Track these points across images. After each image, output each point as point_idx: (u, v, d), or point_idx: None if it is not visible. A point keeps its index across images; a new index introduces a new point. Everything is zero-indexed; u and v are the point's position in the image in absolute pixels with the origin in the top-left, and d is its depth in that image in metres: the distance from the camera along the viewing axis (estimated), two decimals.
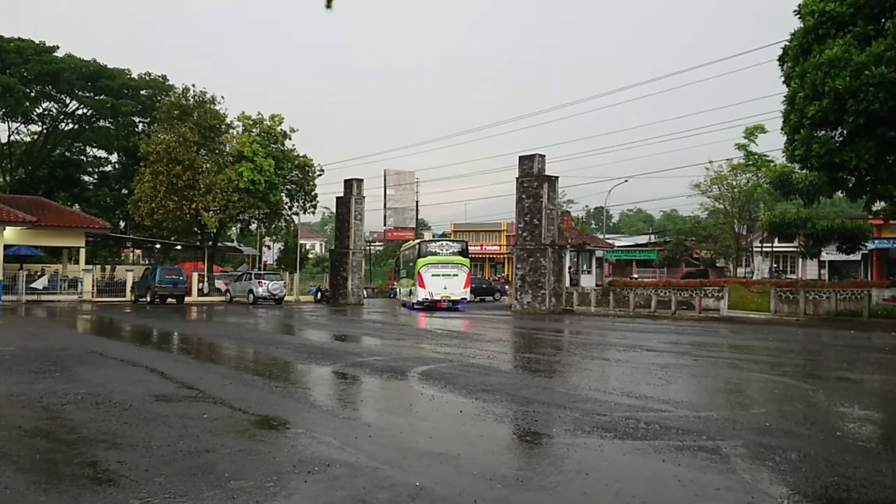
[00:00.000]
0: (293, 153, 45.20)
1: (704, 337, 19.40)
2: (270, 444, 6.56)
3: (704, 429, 7.12)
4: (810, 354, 15.46)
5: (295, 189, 46.10)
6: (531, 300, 34.02)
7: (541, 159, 34.70)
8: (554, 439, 6.90)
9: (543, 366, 12.98)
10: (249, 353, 15.28)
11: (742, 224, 47.49)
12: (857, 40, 20.40)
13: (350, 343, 18.01)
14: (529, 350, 16.37)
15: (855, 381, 11.23)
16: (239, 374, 11.26)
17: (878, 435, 7.53)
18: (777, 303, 28.26)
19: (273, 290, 39.19)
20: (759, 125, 41.15)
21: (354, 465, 5.76)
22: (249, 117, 43.52)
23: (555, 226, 35.12)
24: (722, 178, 45.19)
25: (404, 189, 64.24)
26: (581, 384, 10.22)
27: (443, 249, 35.76)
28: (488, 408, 8.31)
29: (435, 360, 13.11)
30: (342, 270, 44.25)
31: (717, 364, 13.37)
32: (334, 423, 7.62)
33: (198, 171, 41.74)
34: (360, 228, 45.57)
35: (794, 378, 11.14)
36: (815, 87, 20.67)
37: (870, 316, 24.69)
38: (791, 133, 22.82)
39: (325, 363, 12.66)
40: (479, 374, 11.12)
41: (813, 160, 22.48)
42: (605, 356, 14.49)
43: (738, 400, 9.50)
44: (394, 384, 10.44)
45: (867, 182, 24.72)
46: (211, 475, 5.44)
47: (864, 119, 20.02)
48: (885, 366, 13.53)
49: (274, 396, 9.13)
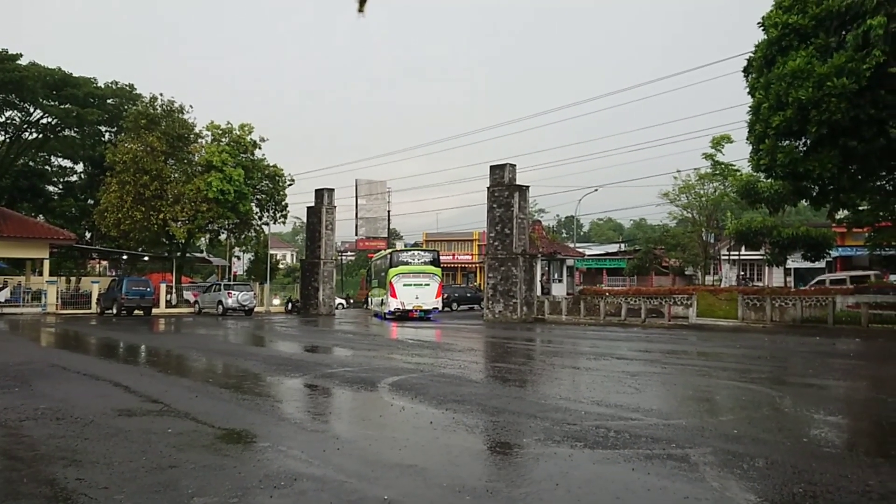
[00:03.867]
0: (263, 163, 44.90)
1: (674, 345, 19.56)
2: (236, 459, 6.43)
3: (674, 437, 7.14)
4: (777, 361, 15.64)
5: (265, 199, 45.78)
6: (503, 309, 34.08)
7: (512, 169, 34.87)
8: (524, 449, 6.87)
9: (514, 375, 12.96)
10: (218, 365, 15.05)
11: (710, 232, 48.20)
12: (819, 52, 20.86)
13: (320, 354, 17.83)
14: (501, 359, 16.35)
15: (820, 387, 11.38)
16: (206, 387, 11.06)
17: (843, 441, 7.62)
18: (744, 310, 28.65)
19: (243, 301, 38.81)
20: (726, 135, 41.87)
21: (322, 478, 5.67)
22: (219, 126, 43.15)
23: (526, 235, 35.26)
24: (690, 187, 45.86)
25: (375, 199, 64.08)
26: (552, 393, 10.21)
27: (414, 259, 35.69)
28: (458, 418, 8.26)
29: (406, 370, 13.03)
30: (313, 281, 43.95)
31: (686, 372, 13.47)
32: (303, 435, 7.51)
33: (166, 180, 41.24)
34: (332, 238, 45.33)
35: (762, 385, 11.25)
36: (779, 97, 21.07)
37: (834, 322, 25.13)
38: (756, 143, 23.25)
39: (295, 375, 12.50)
40: (450, 385, 11.06)
41: (778, 169, 22.93)
42: (575, 365, 14.52)
43: (707, 407, 9.56)
44: (364, 396, 10.33)
45: (830, 191, 25.27)
46: (174, 492, 5.31)
47: (827, 129, 20.46)
48: (849, 372, 13.74)
49: (241, 409, 8.98)
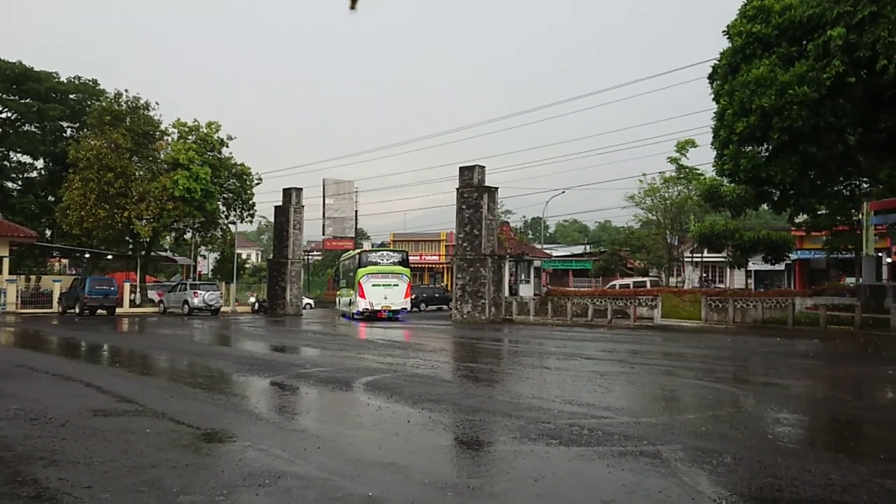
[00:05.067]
0: (230, 161, 44.47)
1: (640, 345, 19.94)
2: (218, 458, 6.48)
3: (645, 434, 7.37)
4: (740, 361, 16.09)
5: (232, 198, 45.34)
6: (471, 310, 34.29)
7: (481, 170, 35.10)
8: (501, 447, 7.03)
9: (487, 375, 13.14)
10: (189, 365, 14.95)
11: (673, 235, 49.03)
12: (781, 61, 21.48)
13: (292, 354, 17.81)
14: (472, 360, 16.52)
15: (782, 386, 11.77)
16: (179, 388, 11.04)
17: (805, 437, 7.95)
18: (707, 311, 29.28)
19: (209, 301, 38.41)
20: (691, 140, 42.67)
21: (305, 476, 5.76)
22: (185, 124, 42.62)
23: (494, 236, 35.52)
24: (655, 190, 46.62)
25: (343, 198, 63.86)
26: (524, 392, 10.40)
27: (383, 259, 35.69)
28: (435, 417, 8.40)
29: (379, 370, 13.12)
30: (280, 280, 43.68)
31: (653, 371, 13.79)
32: (281, 435, 7.57)
33: (130, 178, 40.62)
34: (299, 238, 45.09)
35: (726, 384, 11.61)
36: (742, 104, 21.64)
37: (794, 323, 25.82)
38: (720, 148, 23.85)
39: (268, 375, 12.51)
40: (424, 384, 11.20)
41: (740, 174, 23.56)
42: (545, 365, 14.75)
43: (675, 406, 9.85)
44: (339, 395, 10.41)
45: (791, 195, 26.04)
46: (158, 490, 5.35)
47: (788, 136, 21.08)
48: (808, 371, 14.20)
49: (217, 409, 9.00)
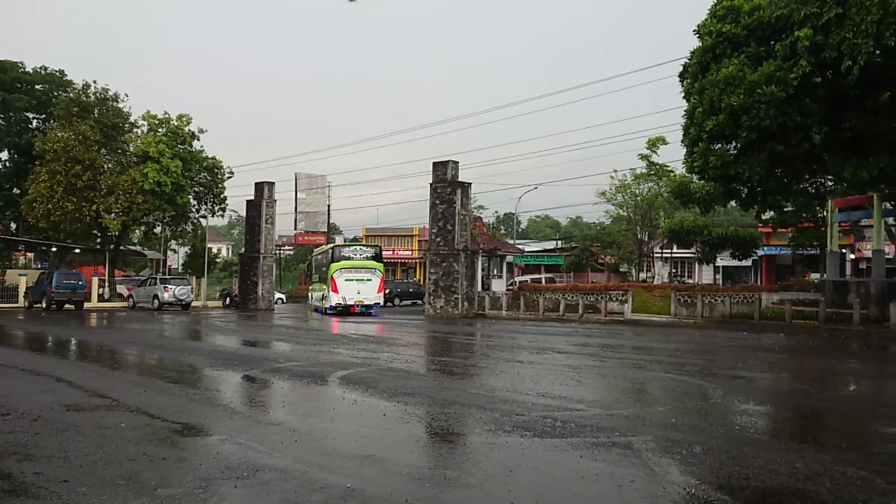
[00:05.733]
0: (201, 154, 44.01)
1: (611, 339, 20.22)
2: (195, 452, 6.50)
3: (616, 426, 7.54)
4: (708, 355, 16.41)
5: (203, 191, 44.89)
6: (444, 304, 34.41)
7: (454, 165, 35.19)
8: (477, 439, 7.14)
9: (460, 369, 13.26)
10: (162, 360, 14.85)
11: (644, 231, 49.62)
12: (750, 60, 21.88)
13: (265, 349, 17.76)
14: (446, 354, 16.64)
15: (748, 378, 12.06)
16: (153, 382, 10.98)
17: (770, 428, 8.18)
18: (677, 306, 29.73)
19: (180, 296, 38.06)
20: (661, 137, 43.24)
21: (284, 469, 5.81)
22: (155, 116, 42.08)
23: (468, 231, 35.66)
24: (626, 186, 47.11)
25: (316, 193, 63.56)
26: (498, 386, 10.53)
27: (356, 254, 35.60)
28: (411, 410, 8.49)
29: (354, 364, 13.17)
30: (252, 275, 43.37)
31: (623, 365, 14.03)
32: (258, 428, 7.60)
33: (99, 171, 40.01)
34: (272, 232, 44.80)
35: (695, 377, 11.85)
36: (712, 103, 22.00)
37: (760, 318, 26.33)
38: (690, 145, 24.23)
39: (242, 369, 12.49)
40: (399, 378, 11.28)
41: (710, 171, 23.97)
42: (518, 359, 14.90)
43: (646, 398, 10.06)
44: (315, 389, 10.45)
45: (758, 193, 26.56)
46: (136, 484, 5.37)
47: (756, 134, 21.49)
48: (774, 364, 14.56)
49: (193, 404, 8.99)
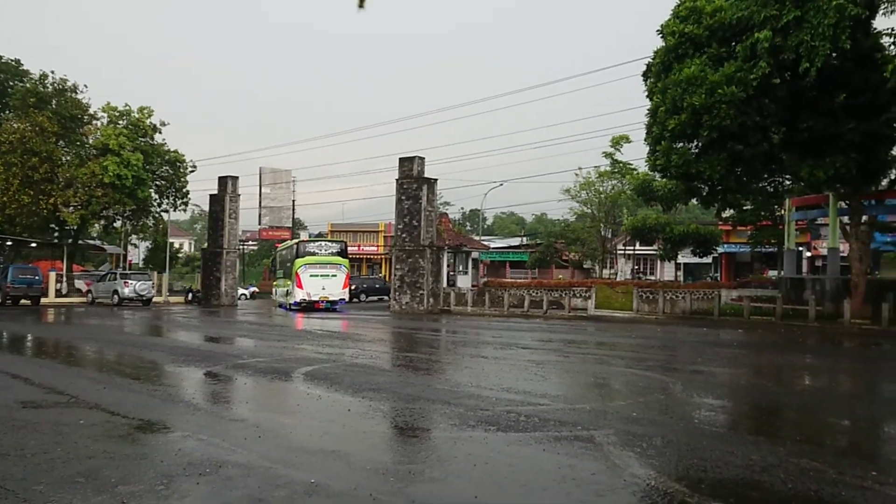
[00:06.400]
0: (163, 147, 43.34)
1: (574, 335, 20.44)
2: (156, 449, 6.43)
3: (579, 420, 7.66)
4: (669, 350, 16.70)
5: (165, 185, 44.21)
6: (409, 300, 34.41)
7: (421, 162, 35.18)
8: (441, 434, 7.19)
9: (425, 364, 13.30)
10: (122, 356, 14.60)
11: (607, 228, 50.25)
12: (711, 61, 22.27)
13: (228, 345, 17.59)
14: (411, 349, 16.67)
15: (708, 373, 12.31)
16: (113, 379, 10.82)
17: (728, 421, 8.38)
18: (639, 302, 30.16)
19: (140, 291, 37.44)
20: (625, 135, 43.80)
21: (247, 465, 5.78)
22: (115, 108, 41.31)
23: (433, 227, 35.69)
24: (590, 184, 47.65)
25: (280, 188, 63.02)
26: (463, 381, 10.59)
27: (321, 250, 35.42)
28: (375, 406, 8.50)
29: (318, 360, 13.12)
30: (215, 270, 42.85)
31: (586, 360, 14.22)
32: (221, 425, 7.54)
33: (57, 163, 39.15)
34: (235, 227, 44.29)
35: (656, 372, 12.05)
36: (674, 102, 22.34)
37: (720, 314, 26.84)
38: (653, 144, 24.58)
39: (205, 365, 12.35)
40: (364, 374, 11.28)
41: (672, 170, 24.35)
42: (483, 354, 15.00)
43: (608, 393, 10.22)
44: (279, 385, 10.40)
45: (719, 191, 27.05)
46: (96, 481, 5.30)
47: (717, 133, 21.88)
48: (732, 359, 14.87)
49: (153, 400, 8.88)
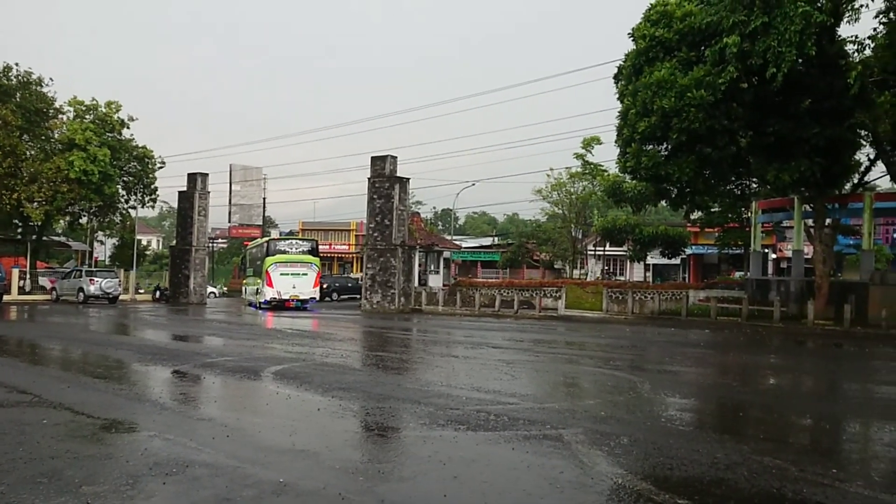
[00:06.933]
0: (131, 143, 42.68)
1: (544, 335, 20.57)
2: (121, 448, 6.35)
3: (548, 419, 7.72)
4: (637, 350, 16.89)
5: (133, 181, 43.53)
6: (381, 300, 34.33)
7: (393, 160, 35.11)
8: (411, 433, 7.20)
9: (396, 364, 13.29)
10: (87, 354, 14.37)
11: (578, 228, 50.57)
12: (681, 64, 22.57)
13: (197, 343, 17.39)
14: (382, 349, 16.64)
15: (675, 373, 12.48)
16: (77, 378, 10.64)
17: (694, 420, 8.51)
18: (608, 303, 30.43)
19: (106, 289, 36.81)
20: (596, 137, 44.12)
21: (214, 465, 5.73)
22: (82, 102, 40.57)
23: (405, 226, 35.64)
24: (561, 185, 47.94)
25: (251, 185, 62.33)
26: (433, 380, 10.61)
27: (292, 248, 35.21)
28: (345, 405, 8.48)
29: (288, 359, 13.04)
30: (184, 268, 42.35)
31: (556, 360, 14.33)
32: (188, 424, 7.47)
33: (21, 157, 38.23)
34: (204, 225, 43.79)
35: (624, 371, 12.19)
36: (644, 105, 22.60)
37: (687, 315, 27.19)
38: (623, 146, 24.83)
39: (172, 364, 12.21)
40: (334, 373, 11.24)
41: (641, 171, 24.63)
42: (454, 353, 15.04)
43: (577, 392, 10.32)
44: (248, 384, 10.32)
45: (687, 193, 27.43)
46: (59, 482, 5.22)
47: (686, 136, 22.19)
48: (699, 359, 15.10)
49: (119, 399, 8.76)
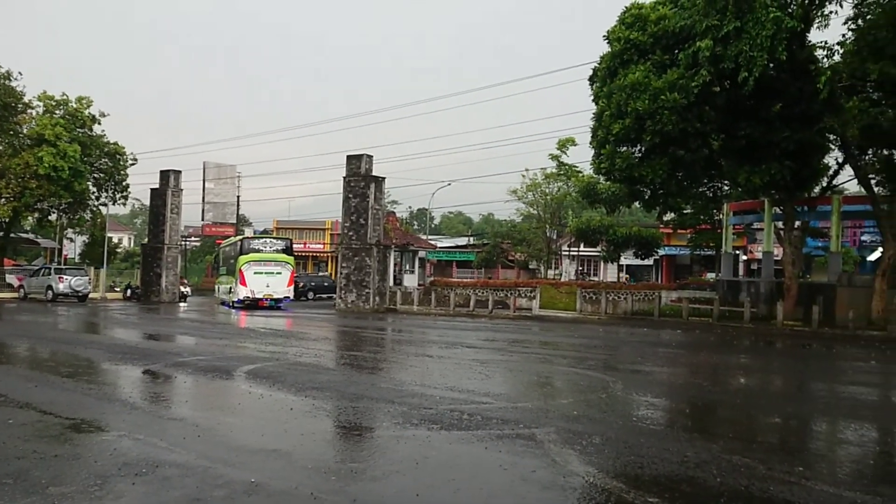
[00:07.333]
0: (103, 139, 42.01)
1: (518, 334, 20.65)
2: (90, 448, 6.27)
3: (521, 418, 7.76)
4: (610, 350, 17.03)
5: (104, 178, 42.84)
6: (355, 299, 34.20)
7: (368, 159, 34.99)
8: (384, 432, 7.19)
9: (370, 363, 13.26)
10: (56, 353, 14.14)
11: (553, 229, 50.83)
12: (655, 67, 22.80)
13: (169, 342, 17.20)
14: (356, 348, 16.59)
15: (647, 372, 12.61)
16: (45, 377, 10.47)
17: (665, 419, 8.60)
18: (582, 303, 30.64)
19: (76, 287, 36.25)
20: (571, 138, 44.29)
21: (185, 465, 5.69)
22: (52, 97, 39.83)
23: (381, 226, 35.55)
24: (536, 185, 48.14)
25: (225, 183, 61.93)
26: (407, 380, 10.61)
27: (266, 247, 34.93)
28: (318, 405, 8.45)
29: (261, 359, 12.96)
30: (156, 266, 41.82)
31: (530, 359, 14.39)
32: (159, 424, 7.39)
33: None
34: (177, 222, 43.29)
35: (597, 371, 12.30)
36: (619, 107, 22.79)
37: (660, 315, 27.47)
38: (598, 147, 25.02)
39: (143, 363, 12.07)
40: (307, 373, 11.19)
41: (615, 173, 24.83)
42: (428, 353, 15.04)
43: (550, 391, 10.38)
44: (220, 384, 10.23)
45: (660, 195, 27.72)
46: (25, 482, 5.15)
47: (659, 138, 22.42)
48: (671, 359, 15.27)
49: (89, 399, 8.64)
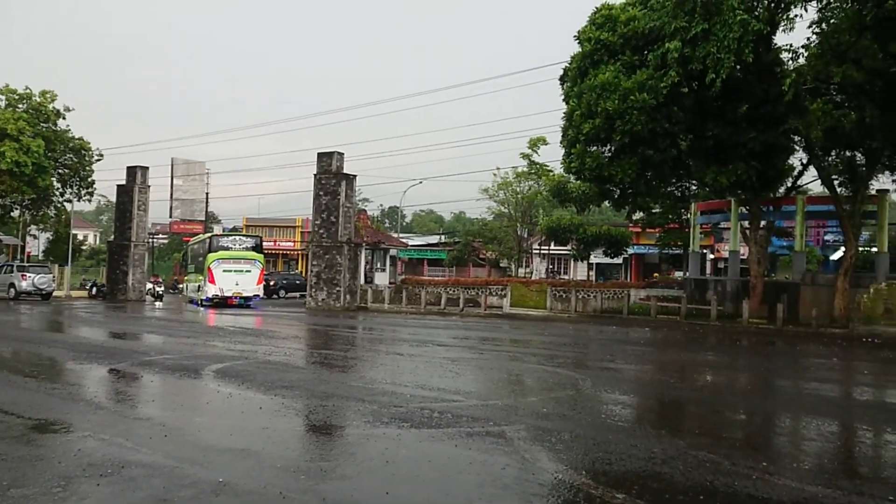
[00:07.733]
0: (67, 134, 41.24)
1: (489, 332, 20.74)
2: (53, 449, 6.17)
3: (491, 416, 7.79)
4: (580, 347, 17.17)
5: (68, 174, 42.07)
6: (326, 297, 34.04)
7: (339, 157, 34.84)
8: (354, 431, 7.17)
9: (340, 361, 13.21)
10: (18, 353, 13.86)
11: (524, 227, 51.06)
12: (625, 68, 23.00)
13: (135, 341, 16.95)
14: (326, 347, 16.50)
15: (616, 370, 12.73)
16: (7, 377, 10.26)
17: (633, 416, 8.70)
18: (552, 301, 30.83)
19: (39, 284, 35.57)
20: (542, 137, 44.52)
21: (152, 465, 5.62)
22: (15, 91, 39.00)
23: (352, 223, 35.43)
24: (507, 184, 48.32)
25: (193, 179, 61.01)
26: (377, 378, 10.59)
27: (235, 244, 34.61)
28: (288, 403, 8.40)
29: (230, 357, 12.84)
30: (122, 264, 41.17)
31: (500, 357, 14.46)
32: (124, 423, 7.28)
33: None
34: (144, 219, 42.65)
35: (566, 369, 12.39)
36: (589, 107, 22.95)
37: (629, 313, 27.75)
38: (568, 147, 25.17)
39: (109, 362, 11.89)
40: (277, 371, 11.11)
41: (586, 172, 25.01)
42: (399, 351, 15.03)
43: (520, 389, 10.43)
44: (188, 383, 10.11)
45: (629, 194, 27.99)
46: None
47: (629, 138, 22.63)
48: (639, 356, 15.43)
49: (52, 399, 8.49)
